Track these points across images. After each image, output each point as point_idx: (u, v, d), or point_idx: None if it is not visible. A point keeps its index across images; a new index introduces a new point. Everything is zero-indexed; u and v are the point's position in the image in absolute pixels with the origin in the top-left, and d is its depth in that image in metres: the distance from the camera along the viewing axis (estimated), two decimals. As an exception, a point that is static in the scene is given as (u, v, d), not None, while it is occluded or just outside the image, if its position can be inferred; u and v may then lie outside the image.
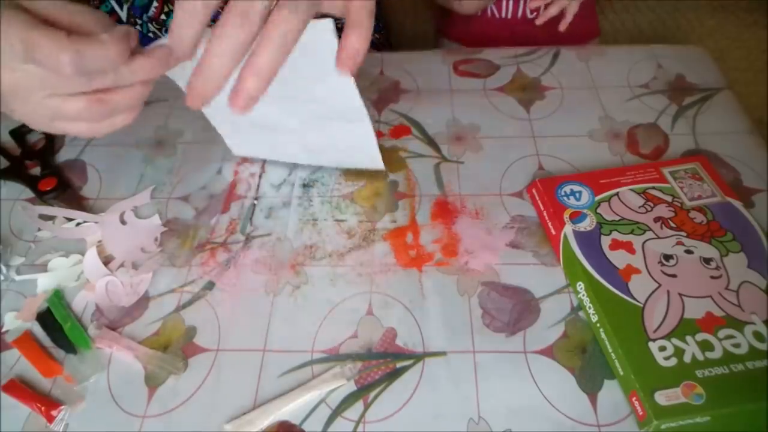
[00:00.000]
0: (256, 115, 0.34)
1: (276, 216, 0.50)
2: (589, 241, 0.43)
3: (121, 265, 0.46)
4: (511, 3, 0.81)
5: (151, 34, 0.71)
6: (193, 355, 0.41)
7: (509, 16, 0.82)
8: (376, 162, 0.50)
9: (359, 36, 0.30)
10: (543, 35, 0.83)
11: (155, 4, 0.66)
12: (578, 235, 0.44)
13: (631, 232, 0.44)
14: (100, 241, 0.48)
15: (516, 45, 0.65)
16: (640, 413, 0.36)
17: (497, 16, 0.83)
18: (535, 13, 0.82)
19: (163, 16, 0.68)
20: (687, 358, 0.37)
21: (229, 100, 0.31)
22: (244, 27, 0.27)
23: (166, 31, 0.69)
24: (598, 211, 0.45)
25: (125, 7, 0.68)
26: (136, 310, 0.44)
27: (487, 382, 0.39)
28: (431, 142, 0.55)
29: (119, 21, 0.71)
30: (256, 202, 0.51)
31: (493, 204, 0.49)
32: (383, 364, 0.40)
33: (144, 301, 0.44)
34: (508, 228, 0.48)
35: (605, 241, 0.43)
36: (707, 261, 0.42)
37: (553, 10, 0.77)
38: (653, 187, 0.47)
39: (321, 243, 0.48)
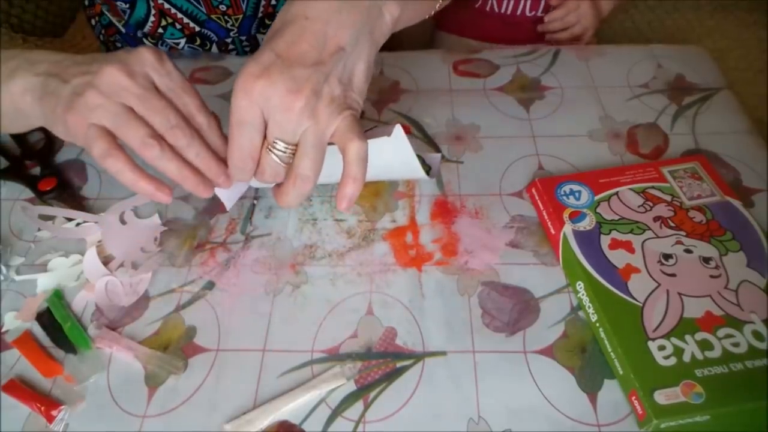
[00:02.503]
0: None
1: (276, 216, 0.50)
2: (589, 241, 0.43)
3: (121, 265, 0.46)
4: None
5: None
6: (193, 355, 0.41)
7: (509, 11, 0.82)
8: (418, 172, 0.44)
9: (354, 187, 0.37)
10: (542, 36, 0.84)
11: (152, 19, 0.66)
12: (578, 234, 0.44)
13: (631, 232, 0.44)
14: (99, 241, 0.48)
15: (513, 42, 0.65)
16: (640, 412, 0.36)
17: (496, 10, 0.83)
18: (534, 12, 0.82)
19: (160, 30, 0.67)
20: (686, 358, 0.37)
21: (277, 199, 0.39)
22: (309, 183, 0.37)
23: (163, 44, 0.69)
24: (598, 210, 0.45)
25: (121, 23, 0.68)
26: (136, 310, 0.44)
27: (487, 382, 0.39)
28: (431, 141, 0.55)
29: (118, 33, 0.71)
30: (255, 202, 0.51)
31: (493, 204, 0.49)
32: (383, 364, 0.40)
33: (144, 300, 0.45)
34: (507, 228, 0.48)
35: (605, 241, 0.43)
36: (706, 260, 0.42)
37: (564, 35, 0.82)
38: (653, 187, 0.47)
39: (321, 243, 0.48)
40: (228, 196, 0.43)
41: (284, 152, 0.36)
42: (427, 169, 0.50)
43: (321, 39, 0.35)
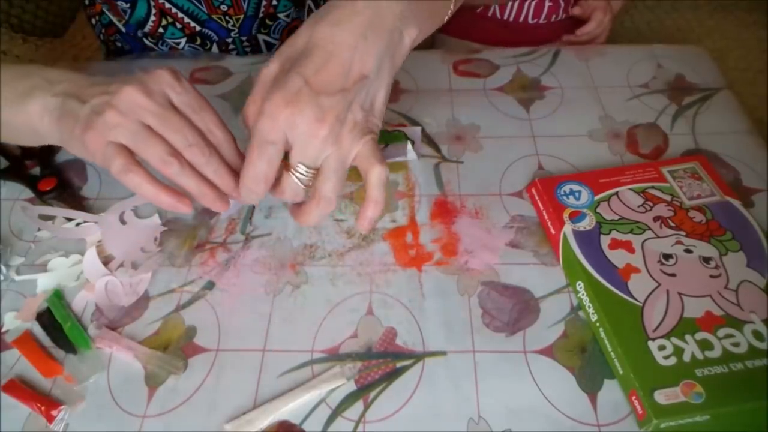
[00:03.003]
0: None
1: (276, 216, 0.50)
2: (589, 241, 0.43)
3: (121, 265, 0.46)
4: (515, 6, 0.81)
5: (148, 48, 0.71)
6: (193, 355, 0.41)
7: (511, 18, 0.82)
8: (410, 154, 0.51)
9: (375, 209, 0.38)
10: (544, 41, 0.84)
11: (152, 18, 0.66)
12: (578, 234, 0.44)
13: (631, 232, 0.44)
14: (99, 241, 0.48)
15: (515, 46, 0.65)
16: (640, 412, 0.36)
17: (498, 17, 0.83)
18: (536, 20, 0.82)
19: (160, 29, 0.67)
20: (686, 357, 0.37)
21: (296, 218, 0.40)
22: (332, 205, 0.38)
23: (164, 44, 0.69)
24: (598, 210, 0.45)
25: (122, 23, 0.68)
26: (136, 310, 0.44)
27: (487, 382, 0.39)
28: (431, 141, 0.55)
29: (119, 32, 0.71)
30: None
31: (493, 204, 0.49)
32: (383, 364, 0.40)
33: (144, 300, 0.45)
34: (507, 228, 0.48)
35: (605, 241, 0.43)
36: (706, 260, 0.42)
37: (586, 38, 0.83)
38: (652, 187, 0.47)
39: (321, 243, 0.48)
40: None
41: (305, 175, 0.37)
42: (411, 142, 0.53)
43: (347, 66, 0.35)
